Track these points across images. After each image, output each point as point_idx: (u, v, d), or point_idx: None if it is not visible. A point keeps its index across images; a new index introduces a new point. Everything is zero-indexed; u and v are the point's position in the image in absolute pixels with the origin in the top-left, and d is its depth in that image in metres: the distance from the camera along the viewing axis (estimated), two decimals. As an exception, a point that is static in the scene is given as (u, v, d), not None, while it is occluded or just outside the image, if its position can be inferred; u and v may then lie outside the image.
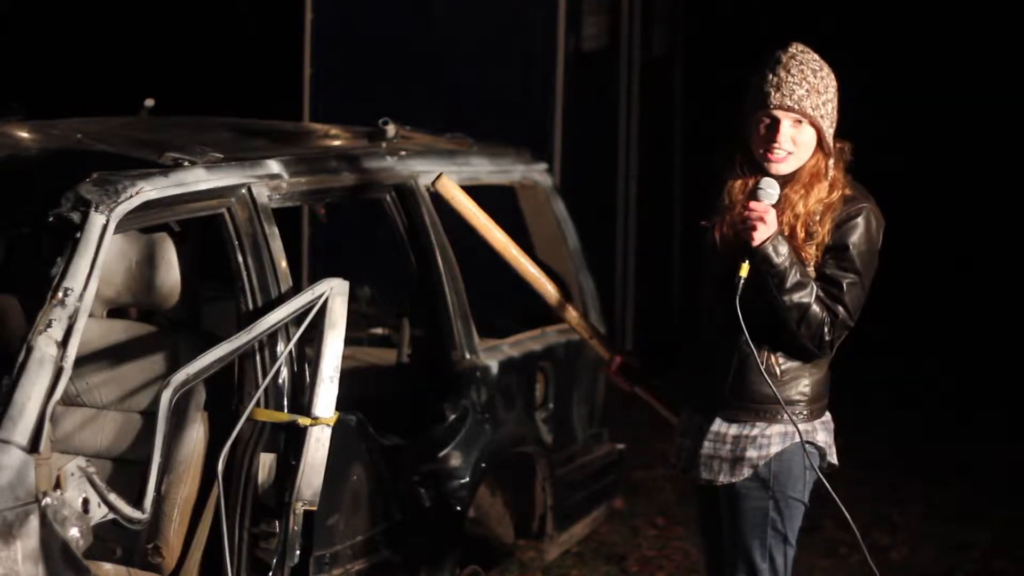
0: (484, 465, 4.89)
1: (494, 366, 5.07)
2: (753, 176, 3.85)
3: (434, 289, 4.90)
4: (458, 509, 4.76)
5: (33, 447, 3.43)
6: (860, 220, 3.83)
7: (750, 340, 3.79)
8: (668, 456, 4.15)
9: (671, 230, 10.25)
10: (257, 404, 4.05)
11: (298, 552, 4.07)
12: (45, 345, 3.50)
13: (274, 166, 4.41)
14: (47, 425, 3.47)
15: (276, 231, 4.28)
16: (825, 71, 3.83)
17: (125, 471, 4.07)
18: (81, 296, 3.61)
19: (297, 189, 4.46)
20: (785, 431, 3.90)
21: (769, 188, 3.78)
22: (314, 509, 4.06)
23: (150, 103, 5.23)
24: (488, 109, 8.35)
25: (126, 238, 4.18)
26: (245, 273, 4.19)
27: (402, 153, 4.99)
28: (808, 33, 3.95)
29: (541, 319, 5.47)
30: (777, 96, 3.77)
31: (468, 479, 4.80)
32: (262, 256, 4.21)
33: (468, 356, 4.95)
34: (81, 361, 3.85)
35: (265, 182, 4.33)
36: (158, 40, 11.60)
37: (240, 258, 4.19)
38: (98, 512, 3.55)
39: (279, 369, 4.10)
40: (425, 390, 4.90)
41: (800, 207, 3.82)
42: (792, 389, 3.89)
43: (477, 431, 4.89)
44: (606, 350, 4.44)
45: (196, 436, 4.09)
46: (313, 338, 4.09)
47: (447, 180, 4.44)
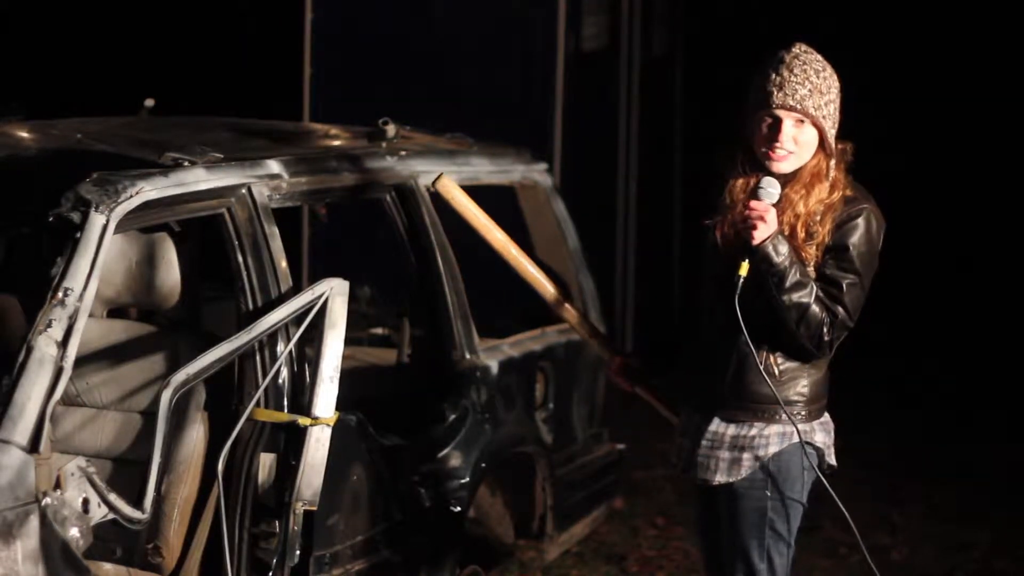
0: (484, 465, 4.89)
1: (494, 366, 5.07)
2: (755, 175, 3.85)
3: (434, 289, 4.90)
4: (458, 509, 4.76)
5: (33, 447, 3.43)
6: (860, 221, 3.82)
7: (749, 339, 3.79)
8: (668, 456, 4.15)
9: (671, 230, 10.25)
10: (257, 404, 4.05)
11: (298, 552, 4.07)
12: (45, 345, 3.50)
13: (274, 166, 4.41)
14: (47, 425, 3.47)
15: (276, 231, 4.28)
16: (828, 71, 3.83)
17: (125, 471, 4.06)
18: (81, 296, 3.61)
19: (297, 189, 4.46)
20: (783, 431, 3.89)
21: (770, 187, 3.78)
22: (314, 509, 4.06)
23: (150, 103, 5.23)
24: (488, 109, 8.35)
25: (126, 238, 4.18)
26: (245, 273, 4.19)
27: (402, 153, 4.99)
28: (808, 33, 3.95)
29: (541, 319, 5.47)
30: (780, 96, 3.77)
31: (468, 479, 4.80)
32: (262, 256, 4.21)
33: (468, 356, 4.95)
34: (81, 361, 3.85)
35: (265, 182, 4.33)
36: (158, 40, 11.60)
37: (240, 258, 4.19)
38: (98, 512, 3.55)
39: (279, 369, 4.10)
40: (425, 390, 4.90)
41: (800, 207, 3.81)
42: (791, 389, 3.89)
43: (477, 431, 4.89)
44: (606, 350, 4.44)
45: (196, 436, 4.09)
46: (313, 338, 4.09)
47: (447, 180, 4.44)
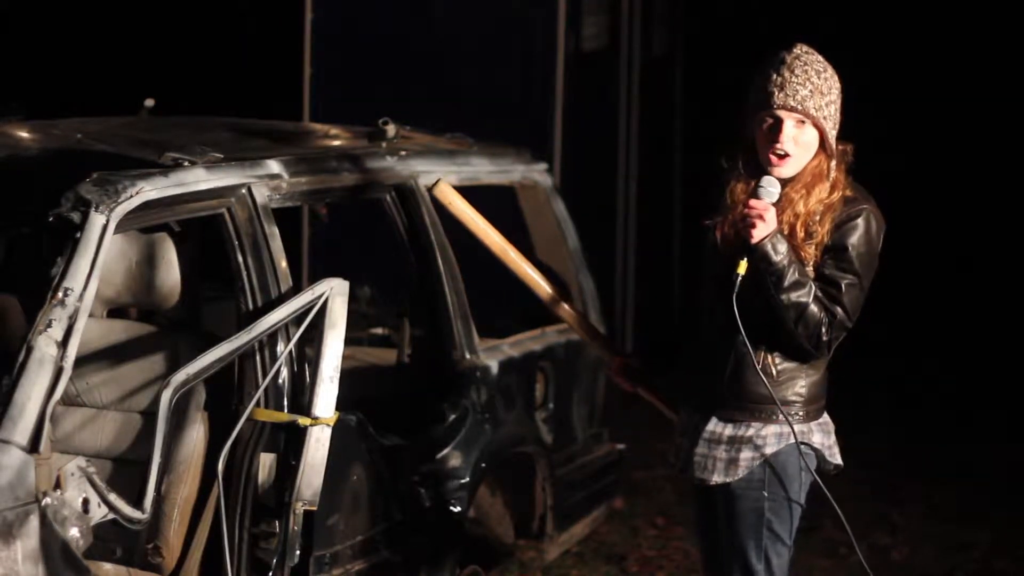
0: (484, 465, 4.89)
1: (494, 366, 5.07)
2: (755, 176, 3.85)
3: (434, 289, 4.90)
4: (458, 509, 4.76)
5: (33, 447, 3.43)
6: (860, 221, 3.82)
7: (746, 339, 3.79)
8: (668, 456, 4.15)
9: (671, 230, 10.25)
10: (257, 404, 4.05)
11: (298, 552, 4.07)
12: (45, 345, 3.50)
13: (274, 166, 4.41)
14: (47, 425, 3.47)
15: (276, 231, 4.28)
16: (829, 72, 3.83)
17: (125, 471, 4.06)
18: (81, 296, 3.61)
19: (297, 189, 4.46)
20: (781, 432, 3.89)
21: (770, 186, 3.78)
22: (314, 509, 4.06)
23: (150, 103, 5.23)
24: (488, 109, 8.35)
25: (126, 238, 4.18)
26: (245, 273, 4.19)
27: (402, 153, 4.99)
28: (808, 33, 3.95)
29: (541, 319, 5.47)
30: (780, 96, 3.77)
31: (468, 479, 4.80)
32: (262, 256, 4.21)
33: (468, 356, 4.95)
34: (81, 361, 3.85)
35: (265, 182, 4.33)
36: (158, 40, 11.60)
37: (240, 258, 4.19)
38: (98, 512, 3.55)
39: (279, 369, 4.10)
40: (425, 390, 4.90)
41: (800, 207, 3.81)
42: (788, 390, 3.89)
43: (477, 431, 4.89)
44: (606, 351, 4.44)
45: (196, 436, 4.09)
46: (313, 338, 4.09)
47: (445, 186, 4.42)
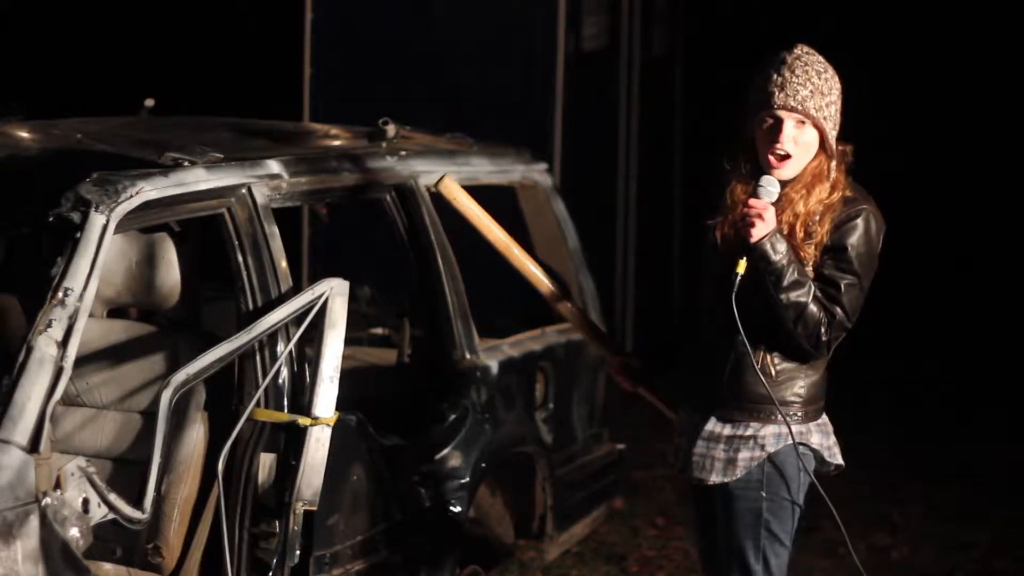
0: (484, 465, 4.89)
1: (494, 366, 5.07)
2: (755, 176, 3.85)
3: (434, 289, 4.90)
4: (458, 509, 4.76)
5: (33, 447, 3.43)
6: (859, 221, 3.82)
7: (745, 339, 3.78)
8: (667, 456, 4.15)
9: (671, 230, 10.25)
10: (257, 404, 4.05)
11: (298, 552, 4.07)
12: (45, 345, 3.50)
13: (274, 166, 4.41)
14: (47, 425, 3.47)
15: (276, 231, 4.28)
16: (830, 73, 3.83)
17: (125, 471, 4.06)
18: (81, 296, 3.61)
19: (297, 189, 4.46)
20: (779, 432, 3.88)
21: (769, 186, 3.78)
22: (314, 509, 4.06)
23: (150, 103, 5.23)
24: (488, 109, 8.34)
25: (126, 238, 4.18)
26: (245, 273, 4.19)
27: (402, 153, 4.99)
28: (808, 33, 3.95)
29: (541, 319, 5.47)
30: (781, 96, 3.77)
31: (468, 479, 4.80)
32: (262, 256, 4.21)
33: (468, 356, 4.95)
34: (81, 361, 3.85)
35: (265, 182, 4.33)
36: (158, 40, 11.60)
37: (240, 258, 4.19)
38: (98, 512, 3.55)
39: (279, 369, 4.10)
40: (425, 390, 4.90)
41: (800, 206, 3.81)
42: (787, 390, 3.88)
43: (477, 431, 4.89)
44: (608, 351, 4.43)
45: (196, 436, 4.09)
46: (313, 338, 4.09)
47: (450, 181, 4.43)
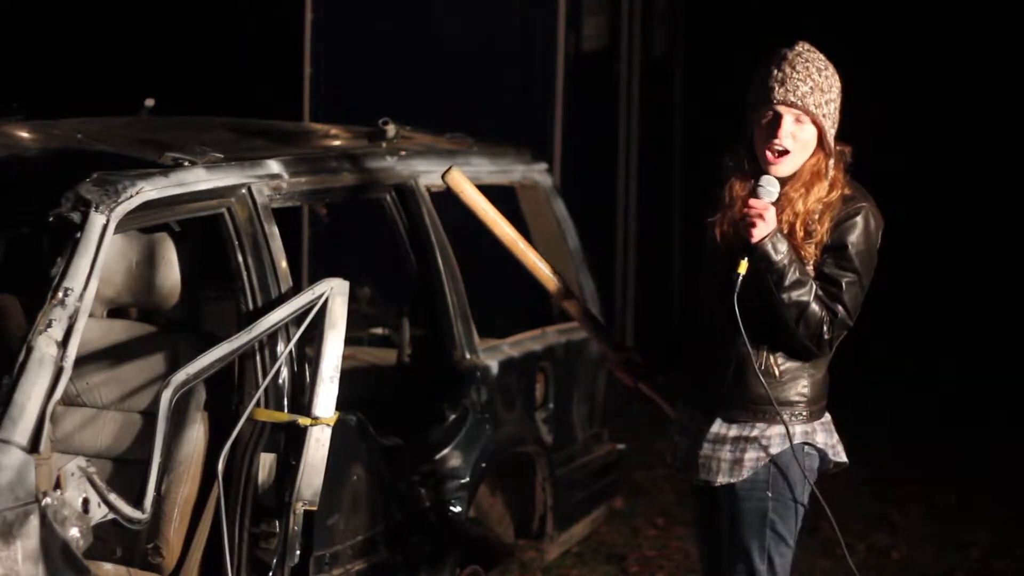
0: (484, 465, 4.89)
1: (494, 366, 5.07)
2: (755, 173, 3.85)
3: (434, 289, 4.90)
4: (458, 509, 4.76)
5: (33, 447, 3.43)
6: (859, 219, 3.82)
7: (747, 338, 3.78)
8: (665, 455, 4.14)
9: (671, 230, 10.25)
10: (257, 404, 4.06)
11: (298, 552, 4.07)
12: (45, 345, 3.50)
13: (274, 166, 4.41)
14: (47, 425, 3.47)
15: (276, 231, 4.28)
16: (830, 71, 3.82)
17: (125, 471, 4.07)
18: (81, 296, 3.61)
19: (297, 189, 4.46)
20: (785, 432, 3.89)
21: (769, 186, 3.77)
22: (314, 509, 4.06)
23: (150, 103, 5.22)
24: (488, 109, 8.35)
25: (126, 238, 4.18)
26: (245, 273, 4.19)
27: (402, 153, 4.99)
28: (808, 33, 3.95)
29: (541, 319, 5.47)
30: (780, 91, 3.77)
31: (468, 479, 4.80)
32: (262, 256, 4.21)
33: (468, 356, 4.95)
34: (81, 361, 3.85)
35: (265, 182, 4.33)
36: (158, 40, 11.59)
37: (240, 258, 4.19)
38: (98, 512, 3.55)
39: (279, 369, 4.10)
40: (425, 390, 4.90)
41: (800, 205, 3.81)
42: (791, 390, 3.89)
43: (477, 431, 4.89)
44: (610, 346, 4.41)
45: (196, 436, 4.09)
46: (313, 338, 4.09)
47: (457, 172, 4.36)
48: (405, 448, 4.63)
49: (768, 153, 3.81)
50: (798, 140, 3.81)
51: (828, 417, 4.00)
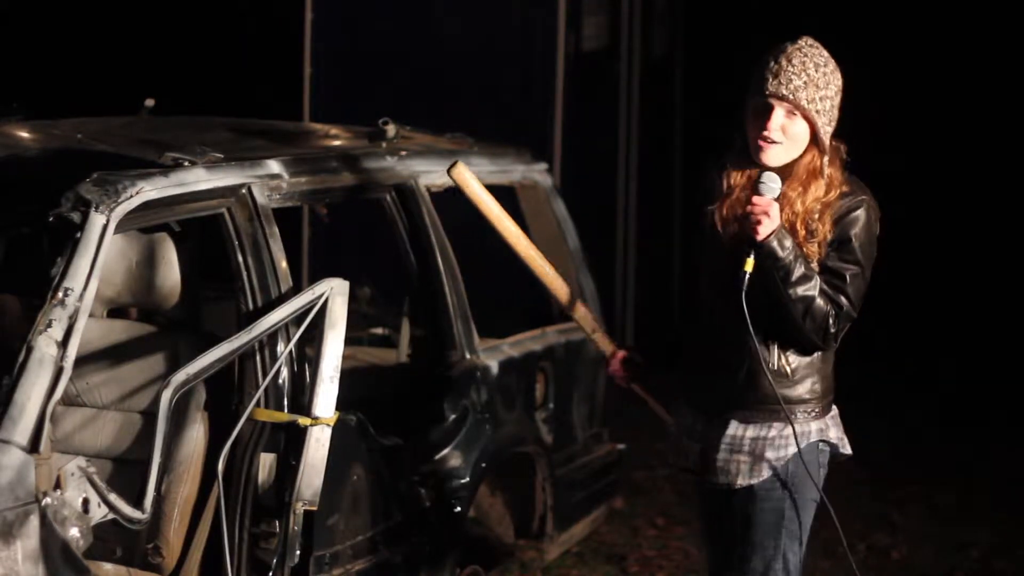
0: (484, 465, 4.89)
1: (494, 366, 5.07)
2: (750, 163, 3.83)
3: (434, 289, 4.90)
4: (458, 509, 4.76)
5: (33, 447, 3.42)
6: (861, 213, 3.81)
7: (756, 339, 3.77)
8: (667, 458, 4.13)
9: (671, 230, 10.25)
10: (257, 404, 4.05)
11: (298, 552, 4.07)
12: (45, 345, 3.50)
13: (274, 166, 4.41)
14: (47, 425, 3.47)
15: (276, 231, 4.28)
16: (830, 68, 3.80)
17: (125, 471, 4.06)
18: (81, 296, 3.61)
19: (297, 189, 4.46)
20: (801, 431, 3.88)
21: (770, 182, 3.76)
22: (314, 509, 4.06)
23: (150, 103, 5.22)
24: (488, 109, 8.35)
25: (126, 238, 4.18)
26: (245, 273, 4.19)
27: (402, 153, 4.99)
28: (808, 33, 3.94)
29: (541, 319, 5.47)
30: (774, 83, 3.76)
31: (468, 479, 4.80)
32: (262, 256, 4.21)
33: (468, 356, 4.95)
34: (81, 361, 3.85)
35: (265, 182, 4.33)
36: (158, 40, 11.60)
37: (240, 258, 4.19)
38: (98, 512, 3.55)
39: (279, 369, 4.10)
40: (425, 390, 4.90)
41: (798, 205, 3.80)
42: (803, 387, 3.88)
43: (477, 431, 4.89)
44: (610, 346, 4.37)
45: (196, 436, 4.09)
46: (313, 338, 4.09)
47: (463, 167, 4.32)
48: (405, 448, 4.63)
49: (757, 142, 3.80)
50: (788, 134, 3.79)
51: (836, 410, 4.00)
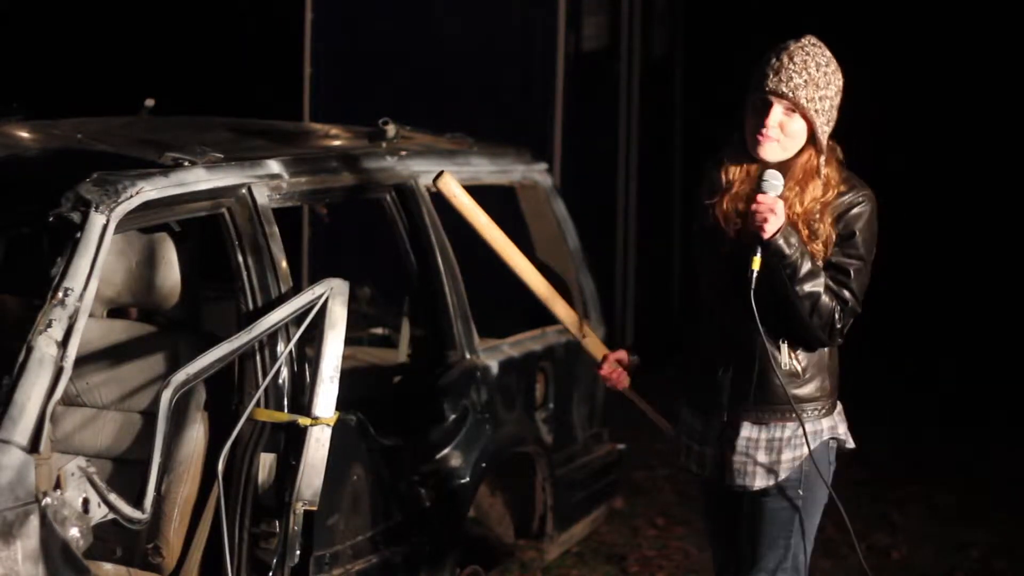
0: (484, 465, 4.89)
1: (494, 366, 5.07)
2: (749, 158, 3.83)
3: (434, 289, 4.90)
4: (458, 509, 4.76)
5: (33, 447, 3.42)
6: (863, 208, 3.81)
7: (767, 339, 3.77)
8: (669, 457, 4.12)
9: (671, 230, 10.25)
10: (257, 404, 4.05)
11: (298, 552, 4.07)
12: (45, 345, 3.50)
13: (274, 166, 4.41)
14: (47, 425, 3.46)
15: (276, 231, 4.28)
16: (831, 68, 3.80)
17: (125, 471, 4.06)
18: (81, 296, 3.61)
19: (297, 189, 4.46)
20: (814, 430, 3.89)
21: (773, 180, 3.74)
22: (314, 509, 4.06)
23: (150, 103, 5.22)
24: (488, 109, 8.35)
25: (126, 238, 4.18)
26: (245, 273, 4.19)
27: (402, 153, 4.99)
28: (808, 33, 3.94)
29: (541, 319, 5.46)
30: (774, 80, 3.75)
31: (468, 479, 4.79)
32: (262, 256, 4.21)
33: (468, 356, 4.95)
34: (81, 361, 3.85)
35: (265, 182, 4.33)
36: (158, 40, 11.60)
37: (240, 258, 4.19)
38: (98, 512, 3.55)
39: (279, 369, 4.10)
40: (425, 390, 4.90)
41: (797, 206, 3.80)
42: (814, 385, 3.88)
43: (477, 431, 4.89)
44: (602, 351, 4.35)
45: (196, 436, 4.09)
46: (313, 338, 4.09)
47: (449, 177, 4.39)
48: (405, 448, 4.63)
49: (755, 137, 3.80)
50: (786, 132, 3.78)
51: (841, 405, 4.01)
